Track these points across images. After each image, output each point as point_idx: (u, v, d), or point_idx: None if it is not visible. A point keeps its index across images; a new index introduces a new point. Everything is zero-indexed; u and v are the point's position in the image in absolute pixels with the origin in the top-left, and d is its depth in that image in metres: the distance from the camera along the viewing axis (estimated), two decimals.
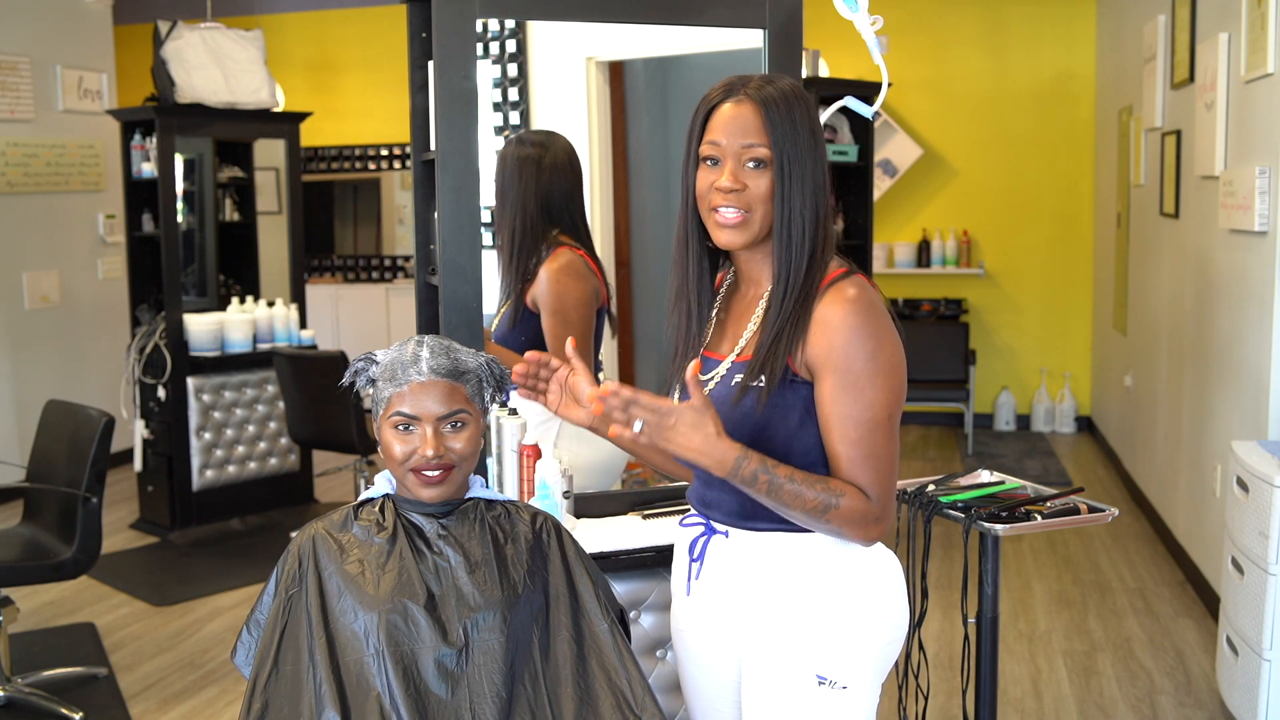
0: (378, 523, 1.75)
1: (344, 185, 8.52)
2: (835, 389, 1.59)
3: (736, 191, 1.62)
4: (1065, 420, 7.40)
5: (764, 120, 1.61)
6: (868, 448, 1.58)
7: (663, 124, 3.14)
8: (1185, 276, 4.66)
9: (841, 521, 1.58)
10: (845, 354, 1.58)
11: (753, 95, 1.62)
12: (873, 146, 5.54)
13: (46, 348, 6.17)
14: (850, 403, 1.58)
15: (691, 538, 1.79)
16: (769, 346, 1.63)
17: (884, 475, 1.60)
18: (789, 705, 1.67)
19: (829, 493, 1.57)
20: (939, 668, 3.71)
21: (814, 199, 1.62)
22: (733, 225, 1.63)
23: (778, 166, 1.61)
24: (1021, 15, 7.26)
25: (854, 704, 1.67)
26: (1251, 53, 3.65)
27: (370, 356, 1.78)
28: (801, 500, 1.57)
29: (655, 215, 3.17)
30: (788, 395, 1.62)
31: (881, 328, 1.60)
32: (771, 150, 1.61)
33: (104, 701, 3.59)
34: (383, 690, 1.61)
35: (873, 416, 1.58)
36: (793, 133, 1.61)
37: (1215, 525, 3.99)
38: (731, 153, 1.62)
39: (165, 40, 5.28)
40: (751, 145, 1.61)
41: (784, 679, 1.68)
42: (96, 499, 3.48)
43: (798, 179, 1.61)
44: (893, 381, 1.59)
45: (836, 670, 1.66)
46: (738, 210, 1.62)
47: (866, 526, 1.59)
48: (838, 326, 1.58)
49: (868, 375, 1.57)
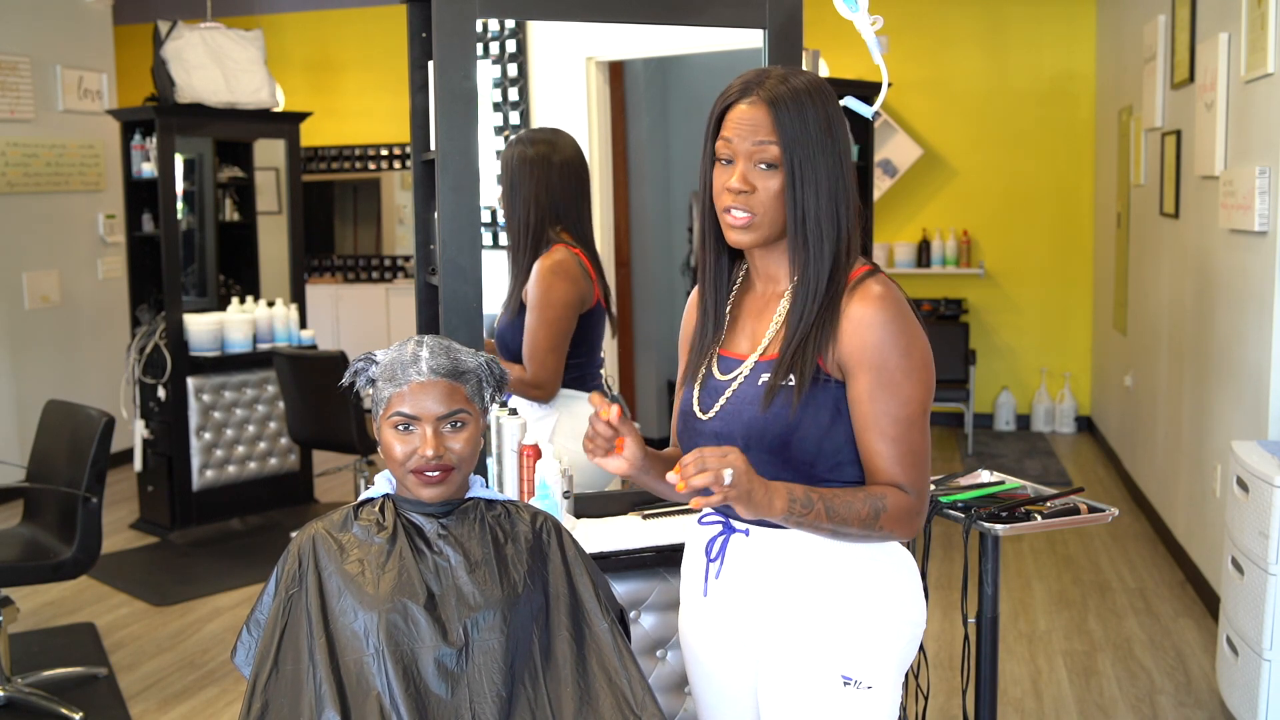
0: (378, 523, 1.75)
1: (344, 185, 8.52)
2: (871, 387, 1.59)
3: (746, 193, 1.62)
4: (1065, 420, 7.40)
5: (774, 121, 1.59)
6: (906, 444, 1.60)
7: (663, 124, 3.15)
8: (1185, 276, 4.66)
9: (891, 524, 1.60)
10: (880, 351, 1.58)
11: (765, 95, 1.61)
12: (873, 146, 5.54)
13: (46, 348, 6.17)
14: (888, 400, 1.59)
15: (709, 537, 1.77)
16: (798, 346, 1.62)
17: (921, 470, 1.62)
18: (814, 706, 1.66)
19: (874, 497, 1.59)
20: (939, 668, 3.71)
21: (831, 198, 1.62)
22: (741, 226, 1.64)
23: (788, 167, 1.60)
24: (1021, 15, 7.26)
25: (879, 704, 1.66)
26: (1251, 53, 3.65)
27: (370, 356, 1.78)
28: (855, 510, 1.58)
29: (655, 215, 3.17)
30: (819, 395, 1.62)
31: (911, 324, 1.62)
32: (781, 151, 1.60)
33: (104, 701, 3.59)
34: (383, 690, 1.61)
35: (909, 413, 1.60)
36: (804, 132, 1.59)
37: (1215, 525, 3.99)
38: (743, 153, 1.62)
39: (165, 40, 5.28)
40: (762, 145, 1.60)
41: (808, 679, 1.66)
42: (96, 499, 3.48)
43: (810, 179, 1.60)
44: (925, 376, 1.61)
45: (862, 670, 1.65)
46: (746, 212, 1.62)
47: (911, 522, 1.62)
48: (870, 324, 1.59)
49: (903, 371, 1.59)
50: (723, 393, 1.69)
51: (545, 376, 2.62)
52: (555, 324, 2.62)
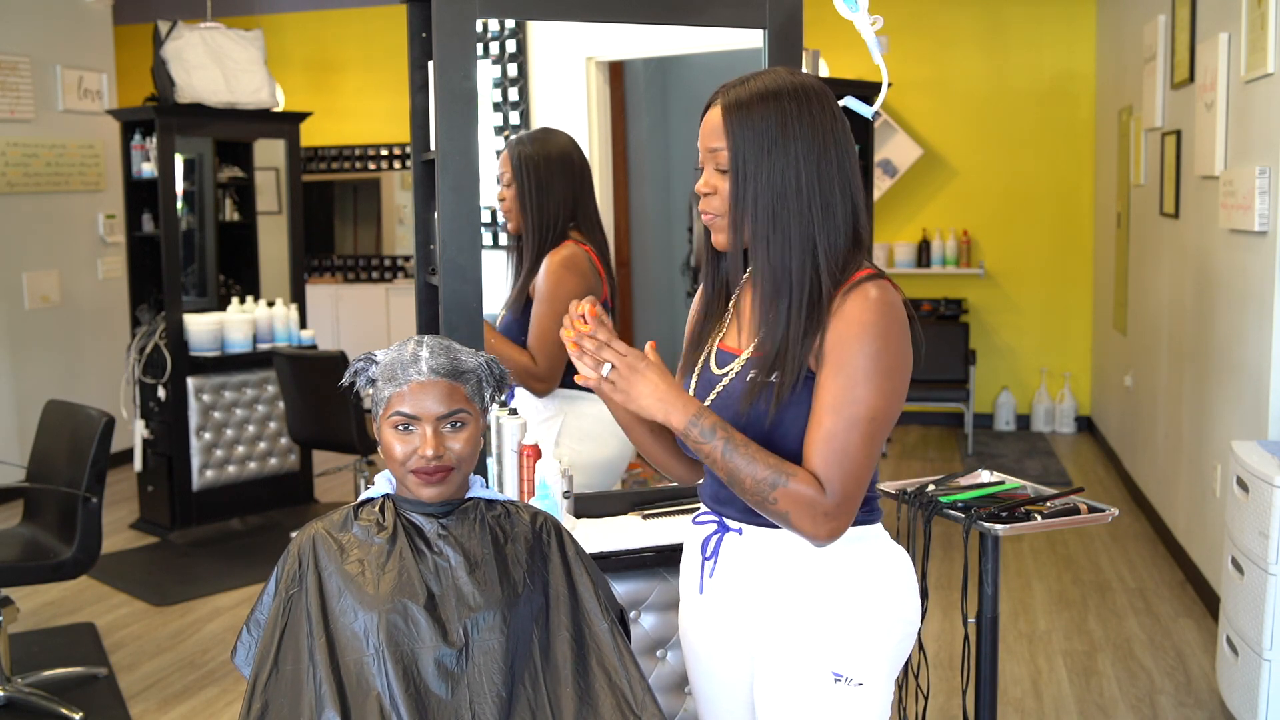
0: (378, 523, 1.75)
1: (344, 185, 8.52)
2: (829, 379, 1.58)
3: (708, 195, 1.66)
4: (1065, 420, 7.40)
5: (724, 124, 1.62)
6: (841, 443, 1.56)
7: (663, 124, 3.15)
8: (1185, 276, 4.66)
9: (789, 505, 1.56)
10: (849, 348, 1.57)
11: (723, 100, 1.64)
12: (873, 146, 5.54)
13: (46, 348, 6.17)
14: (837, 393, 1.57)
15: (704, 535, 1.79)
16: (783, 346, 1.62)
17: (848, 475, 1.56)
18: (805, 703, 1.67)
19: (779, 471, 1.56)
20: (939, 668, 3.71)
21: (770, 200, 1.61)
22: (711, 227, 1.69)
23: (732, 169, 1.62)
24: (1021, 15, 7.26)
25: (870, 701, 1.67)
26: (1251, 53, 3.65)
27: (370, 356, 1.78)
28: (752, 469, 1.57)
29: (655, 215, 3.17)
30: (803, 395, 1.62)
31: (892, 331, 1.59)
32: (729, 153, 1.62)
33: (104, 701, 3.59)
34: (383, 690, 1.61)
35: (855, 413, 1.56)
36: (751, 135, 1.60)
37: (1215, 525, 3.99)
38: (705, 157, 1.66)
39: (165, 40, 5.28)
40: (715, 149, 1.64)
41: (800, 676, 1.68)
42: (96, 499, 3.48)
43: (751, 181, 1.61)
44: (886, 386, 1.57)
45: (852, 667, 1.66)
46: (711, 213, 1.67)
47: (815, 519, 1.56)
48: (850, 322, 1.58)
49: (864, 372, 1.57)
50: (714, 386, 1.72)
51: (553, 368, 2.63)
52: (564, 317, 2.63)
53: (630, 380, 1.62)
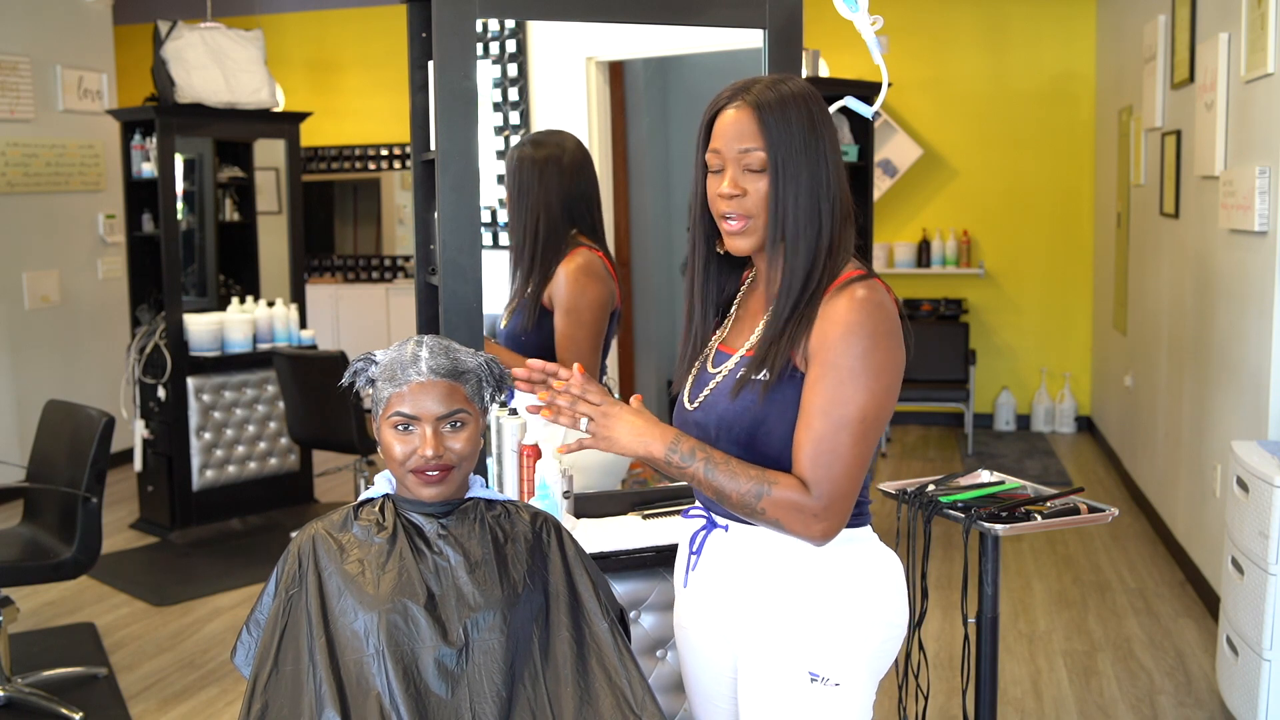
0: (378, 523, 1.75)
1: (344, 185, 8.52)
2: (817, 379, 1.59)
3: (737, 197, 1.64)
4: (1065, 420, 7.40)
5: (759, 124, 1.62)
6: (829, 444, 1.57)
7: (663, 124, 3.14)
8: (1185, 276, 4.66)
9: (776, 511, 1.58)
10: (836, 348, 1.58)
11: (750, 100, 1.63)
12: (873, 146, 5.54)
13: (46, 348, 6.17)
14: (827, 395, 1.57)
15: (693, 530, 1.81)
16: (771, 341, 1.64)
17: (837, 476, 1.57)
18: (782, 701, 1.68)
19: (762, 481, 1.58)
20: (939, 668, 3.71)
21: (812, 199, 1.62)
22: (738, 232, 1.66)
23: (772, 169, 1.62)
24: (1021, 15, 7.26)
25: (847, 702, 1.67)
26: (1251, 53, 3.65)
27: (370, 356, 1.79)
28: (735, 484, 1.59)
29: (655, 215, 3.17)
30: (787, 390, 1.63)
31: (881, 331, 1.59)
32: (766, 153, 1.61)
33: (104, 701, 3.59)
34: (383, 690, 1.61)
35: (844, 414, 1.57)
36: (787, 135, 1.61)
37: (1215, 525, 3.99)
38: (731, 159, 1.64)
39: (165, 40, 5.28)
40: (748, 150, 1.62)
41: (777, 675, 1.69)
42: (96, 499, 3.48)
43: (792, 180, 1.61)
44: (876, 386, 1.58)
45: (829, 667, 1.66)
46: (740, 217, 1.65)
47: (804, 522, 1.57)
48: (837, 321, 1.58)
49: (852, 373, 1.57)
50: (708, 384, 1.73)
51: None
52: (593, 325, 2.63)
53: (607, 425, 1.65)
